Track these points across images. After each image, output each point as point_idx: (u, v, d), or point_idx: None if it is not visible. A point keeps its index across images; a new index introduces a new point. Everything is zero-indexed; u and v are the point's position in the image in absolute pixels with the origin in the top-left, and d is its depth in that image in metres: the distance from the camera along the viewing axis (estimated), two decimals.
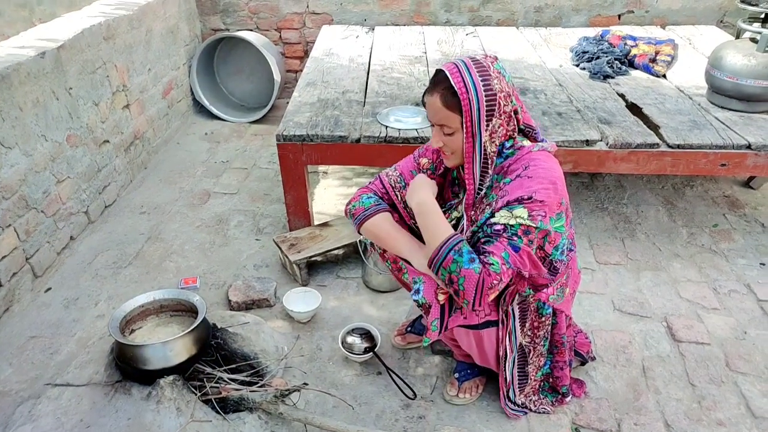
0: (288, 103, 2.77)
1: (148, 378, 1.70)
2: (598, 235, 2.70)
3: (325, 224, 2.60)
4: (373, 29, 3.94)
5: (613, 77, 3.04)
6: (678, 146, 2.35)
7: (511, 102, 1.45)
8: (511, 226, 1.41)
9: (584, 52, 3.26)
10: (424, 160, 1.70)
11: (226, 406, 1.71)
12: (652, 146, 2.36)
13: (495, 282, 1.38)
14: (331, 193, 3.09)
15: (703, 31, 3.78)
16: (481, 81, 1.40)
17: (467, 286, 1.38)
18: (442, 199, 1.69)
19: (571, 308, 1.73)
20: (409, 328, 2.08)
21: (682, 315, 2.21)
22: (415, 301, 1.54)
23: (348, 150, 2.44)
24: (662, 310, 2.24)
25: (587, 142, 2.38)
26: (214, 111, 4.00)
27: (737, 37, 2.87)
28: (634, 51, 3.22)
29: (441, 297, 1.52)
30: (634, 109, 2.68)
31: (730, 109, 2.62)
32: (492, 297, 1.42)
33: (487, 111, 1.41)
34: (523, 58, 3.34)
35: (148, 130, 3.38)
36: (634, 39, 3.36)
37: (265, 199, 3.04)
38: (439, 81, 1.44)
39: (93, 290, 2.38)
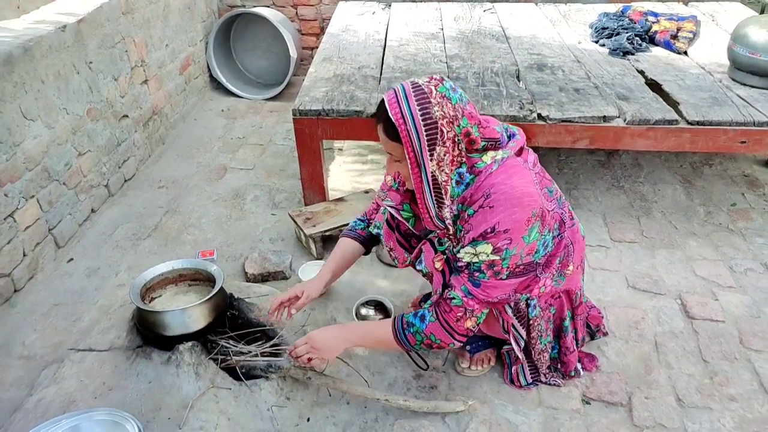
0: (304, 80, 2.78)
1: (168, 344, 1.74)
2: (613, 213, 2.69)
3: (339, 199, 2.62)
4: (390, 5, 3.91)
5: (632, 54, 3.00)
6: (697, 123, 2.32)
7: (458, 126, 1.38)
8: (474, 263, 1.44)
9: (604, 28, 3.21)
10: (388, 178, 1.71)
11: (244, 374, 1.76)
12: (670, 122, 2.33)
13: (460, 314, 1.48)
14: (346, 168, 3.11)
15: (726, 7, 3.69)
16: (419, 110, 1.35)
17: (439, 335, 1.50)
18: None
19: (580, 282, 1.73)
20: (422, 303, 2.10)
21: (696, 292, 2.21)
22: (419, 270, 1.62)
23: (363, 125, 2.45)
24: (676, 288, 2.23)
25: (604, 118, 2.36)
26: (231, 87, 4.01)
27: (762, 13, 2.80)
28: (655, 27, 3.16)
29: (438, 264, 1.55)
30: (654, 85, 2.64)
31: (753, 86, 2.57)
32: (470, 324, 1.50)
33: (428, 140, 1.36)
34: (541, 35, 3.30)
35: (165, 105, 3.42)
36: (655, 15, 3.30)
37: (281, 174, 3.06)
38: (382, 111, 1.41)
39: (114, 261, 2.43)
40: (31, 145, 2.23)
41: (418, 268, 1.61)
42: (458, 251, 1.47)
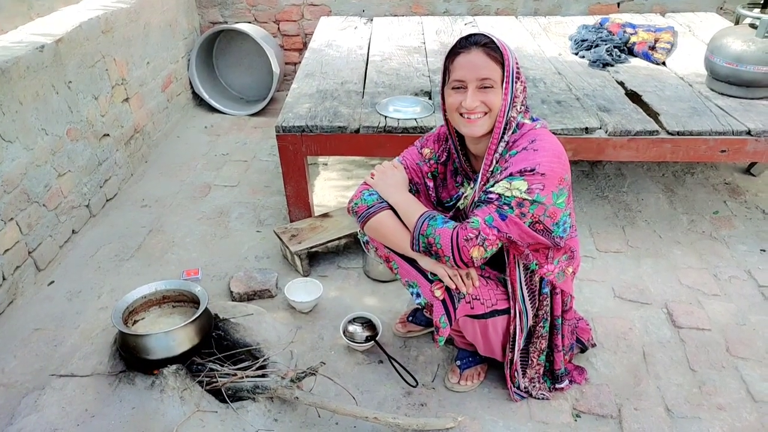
0: (287, 95, 2.77)
1: (152, 368, 1.71)
2: (598, 223, 2.71)
3: (325, 215, 2.61)
4: (372, 20, 3.93)
5: (612, 65, 3.04)
6: (677, 133, 2.35)
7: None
8: (506, 196, 1.43)
9: (583, 41, 3.25)
10: (426, 150, 1.72)
11: (230, 396, 1.73)
12: (651, 133, 2.36)
13: (471, 235, 1.42)
14: (331, 184, 3.10)
15: (702, 17, 3.76)
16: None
17: (443, 242, 1.45)
18: (446, 189, 1.71)
19: (572, 289, 1.73)
20: (410, 318, 2.09)
21: (682, 301, 2.22)
22: (418, 304, 1.60)
23: (347, 140, 2.44)
24: (663, 297, 2.25)
25: (586, 130, 2.38)
26: (214, 104, 4.00)
27: (737, 23, 2.85)
28: (633, 39, 3.21)
29: (438, 293, 1.54)
30: (634, 96, 2.67)
31: (730, 96, 2.61)
32: (476, 254, 1.43)
33: (516, 71, 1.47)
34: (522, 47, 3.33)
35: (147, 123, 3.39)
36: (633, 26, 3.35)
37: (266, 191, 3.04)
38: (477, 40, 1.47)
39: (96, 283, 2.39)
40: (9, 168, 2.20)
41: (416, 302, 1.60)
42: (491, 185, 1.48)
